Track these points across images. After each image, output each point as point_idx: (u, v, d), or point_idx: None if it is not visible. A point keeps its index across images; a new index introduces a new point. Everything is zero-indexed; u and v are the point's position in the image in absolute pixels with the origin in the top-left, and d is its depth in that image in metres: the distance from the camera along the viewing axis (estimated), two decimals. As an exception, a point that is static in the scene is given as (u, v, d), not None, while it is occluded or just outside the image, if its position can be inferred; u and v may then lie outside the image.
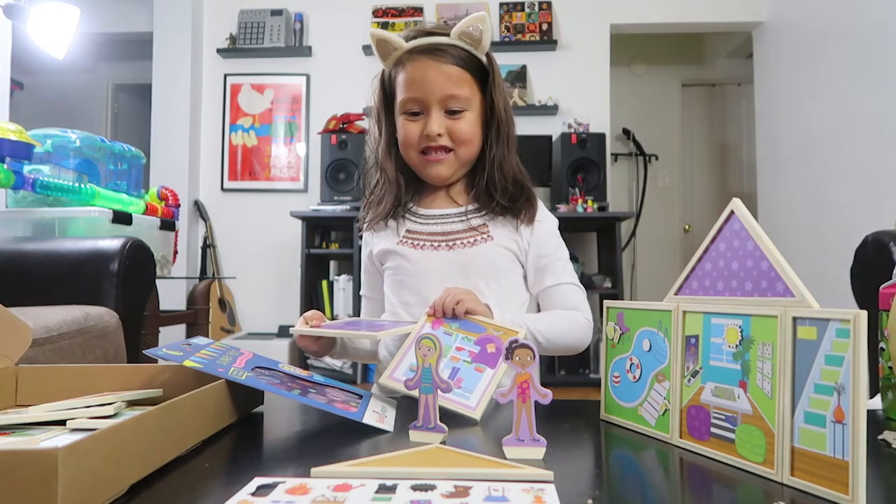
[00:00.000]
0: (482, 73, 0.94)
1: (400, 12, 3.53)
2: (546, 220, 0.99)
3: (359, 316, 1.10)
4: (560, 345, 0.92)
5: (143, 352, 0.67)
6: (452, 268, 0.93)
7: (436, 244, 0.95)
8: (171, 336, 1.52)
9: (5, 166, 1.55)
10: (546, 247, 0.97)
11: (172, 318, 2.09)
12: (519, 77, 3.52)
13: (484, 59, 0.93)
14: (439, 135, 0.91)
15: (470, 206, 0.97)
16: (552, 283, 0.96)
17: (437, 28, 0.93)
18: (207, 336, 1.37)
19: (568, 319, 0.94)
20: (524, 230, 0.96)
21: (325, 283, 3.37)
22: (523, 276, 0.98)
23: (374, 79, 1.00)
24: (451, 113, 0.92)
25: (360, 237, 1.05)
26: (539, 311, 0.99)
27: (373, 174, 1.03)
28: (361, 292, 1.08)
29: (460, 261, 0.93)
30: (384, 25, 3.51)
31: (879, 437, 0.61)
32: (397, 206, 0.98)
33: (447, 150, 0.93)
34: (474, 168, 0.99)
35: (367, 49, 3.52)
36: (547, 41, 3.50)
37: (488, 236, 0.95)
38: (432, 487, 0.43)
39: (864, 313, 0.43)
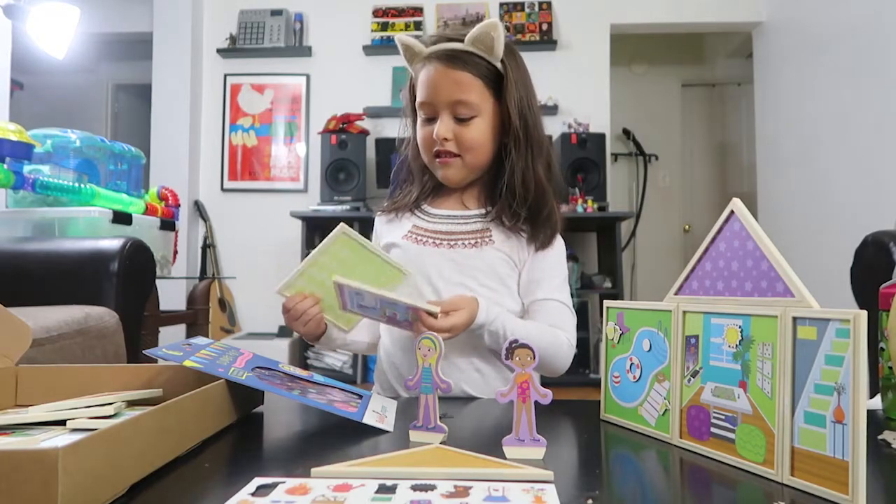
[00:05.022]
0: (497, 80, 0.93)
1: (400, 12, 3.53)
2: (555, 242, 0.98)
3: None
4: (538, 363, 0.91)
5: (143, 352, 0.67)
6: (450, 266, 0.93)
7: (437, 241, 0.96)
8: (171, 336, 1.52)
9: (5, 166, 1.55)
10: (545, 261, 0.96)
11: (172, 318, 2.08)
12: (519, 77, 3.52)
13: (499, 65, 0.92)
14: (446, 139, 0.91)
15: (479, 210, 0.98)
16: (543, 297, 0.94)
17: (454, 34, 0.92)
18: (207, 336, 1.37)
19: (553, 339, 0.91)
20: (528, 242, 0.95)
21: (325, 283, 3.36)
22: (518, 283, 0.97)
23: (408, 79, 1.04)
24: (460, 120, 0.92)
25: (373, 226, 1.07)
26: None
27: (403, 173, 1.05)
28: None
29: (459, 260, 0.93)
30: (384, 26, 3.51)
31: (879, 437, 0.61)
32: (417, 199, 1.00)
33: (455, 155, 0.93)
34: (495, 175, 0.97)
35: (367, 49, 3.52)
36: (547, 41, 3.50)
37: (490, 240, 0.95)
38: (432, 487, 0.43)
39: (864, 313, 0.43)
